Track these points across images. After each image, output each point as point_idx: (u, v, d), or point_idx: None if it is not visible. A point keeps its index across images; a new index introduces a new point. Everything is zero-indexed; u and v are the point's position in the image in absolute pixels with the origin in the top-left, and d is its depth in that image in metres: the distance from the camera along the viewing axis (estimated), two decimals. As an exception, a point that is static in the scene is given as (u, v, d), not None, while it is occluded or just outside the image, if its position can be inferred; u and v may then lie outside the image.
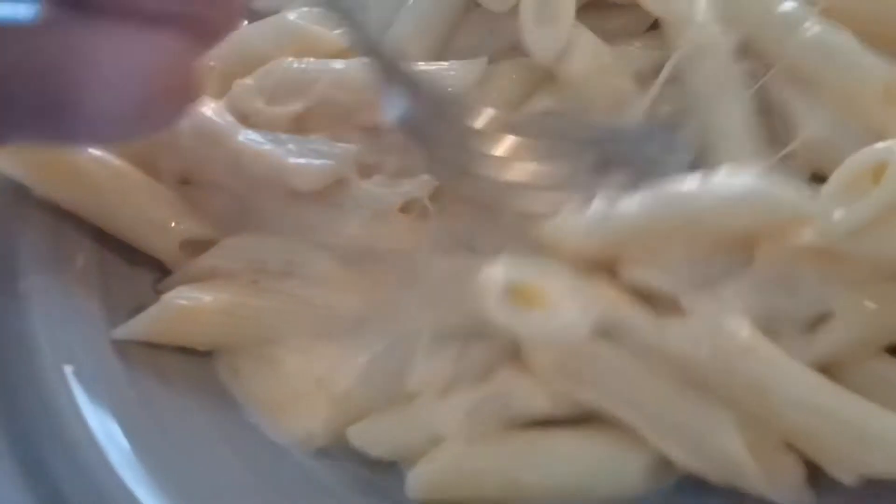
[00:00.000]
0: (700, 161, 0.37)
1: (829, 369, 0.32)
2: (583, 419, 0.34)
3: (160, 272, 0.39)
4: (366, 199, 0.38)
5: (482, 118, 0.38)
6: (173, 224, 0.38)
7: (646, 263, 0.34)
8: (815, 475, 0.32)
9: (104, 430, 0.33)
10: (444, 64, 0.41)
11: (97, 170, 0.38)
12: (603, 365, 0.33)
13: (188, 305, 0.37)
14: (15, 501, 0.31)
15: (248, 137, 0.38)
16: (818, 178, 0.35)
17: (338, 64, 0.40)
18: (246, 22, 0.43)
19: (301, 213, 0.38)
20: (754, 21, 0.39)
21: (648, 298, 0.34)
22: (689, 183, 0.33)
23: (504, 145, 0.38)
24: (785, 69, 0.39)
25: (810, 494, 0.32)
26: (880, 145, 0.32)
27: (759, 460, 0.31)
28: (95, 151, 0.38)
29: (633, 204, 0.34)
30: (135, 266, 0.39)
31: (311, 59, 0.41)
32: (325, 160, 0.38)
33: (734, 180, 0.33)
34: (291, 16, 0.43)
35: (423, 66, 0.41)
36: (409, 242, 0.38)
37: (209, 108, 0.38)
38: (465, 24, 0.43)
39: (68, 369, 0.35)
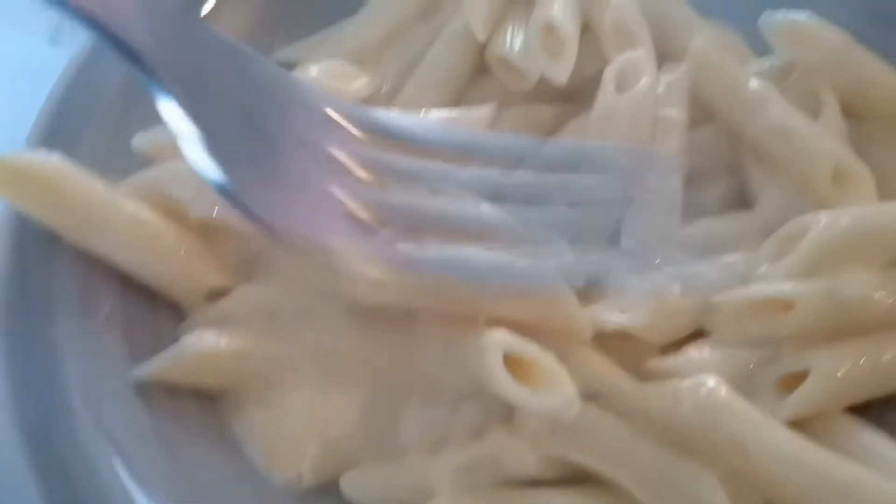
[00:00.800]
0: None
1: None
2: (574, 480, 0.36)
3: (180, 317, 0.41)
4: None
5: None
6: (198, 275, 0.41)
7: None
8: None
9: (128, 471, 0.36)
10: (455, 111, 0.44)
11: (128, 219, 0.40)
12: (591, 427, 0.35)
13: (205, 348, 0.39)
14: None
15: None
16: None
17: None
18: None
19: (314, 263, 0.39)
20: (721, 98, 0.44)
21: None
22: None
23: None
24: (749, 143, 0.43)
25: None
26: (806, 216, 0.37)
27: None
28: (127, 203, 0.40)
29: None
30: (156, 311, 0.41)
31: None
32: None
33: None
34: (313, 70, 0.45)
35: (435, 112, 0.43)
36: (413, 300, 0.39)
37: None
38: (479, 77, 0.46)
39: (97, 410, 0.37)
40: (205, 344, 0.39)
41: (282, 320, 0.40)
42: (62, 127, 0.44)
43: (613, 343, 0.38)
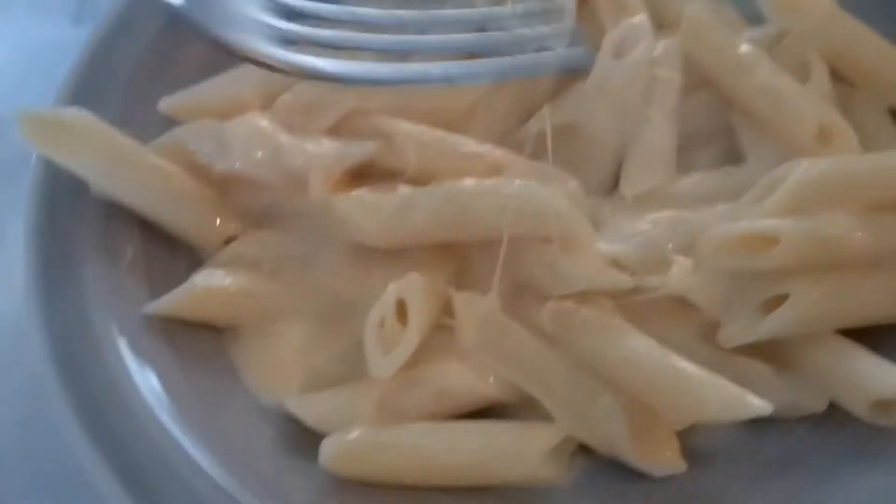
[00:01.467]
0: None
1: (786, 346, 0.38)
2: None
3: (199, 263, 0.44)
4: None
5: None
6: (215, 222, 0.44)
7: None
8: (709, 455, 0.38)
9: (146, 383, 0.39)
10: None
11: (151, 168, 0.43)
12: (516, 343, 0.38)
13: (211, 286, 0.42)
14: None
15: (289, 138, 0.43)
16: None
17: None
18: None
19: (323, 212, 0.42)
20: (713, 62, 0.46)
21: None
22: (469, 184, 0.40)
23: None
24: (739, 105, 0.45)
25: (682, 465, 0.38)
26: (789, 163, 0.39)
27: (638, 437, 0.37)
28: (150, 155, 0.43)
29: (423, 199, 0.40)
30: (176, 257, 0.44)
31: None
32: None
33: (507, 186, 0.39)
34: None
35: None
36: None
37: (256, 117, 0.44)
38: None
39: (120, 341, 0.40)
40: (213, 281, 0.42)
41: (286, 262, 0.43)
42: (88, 90, 0.46)
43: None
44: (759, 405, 0.35)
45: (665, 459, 0.38)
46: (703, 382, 0.36)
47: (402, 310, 0.38)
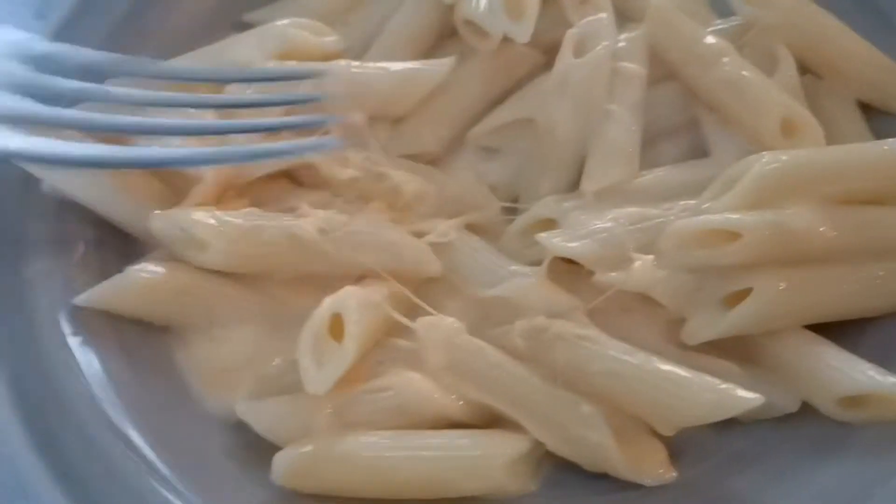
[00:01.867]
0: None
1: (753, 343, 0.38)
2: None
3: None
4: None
5: None
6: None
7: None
8: (676, 453, 0.37)
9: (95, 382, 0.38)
10: (415, 63, 0.45)
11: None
12: (486, 363, 0.37)
13: (146, 278, 0.40)
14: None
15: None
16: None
17: (319, 66, 0.44)
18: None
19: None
20: (678, 54, 0.45)
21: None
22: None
23: None
24: (704, 97, 0.45)
25: (672, 473, 0.37)
26: (750, 157, 0.38)
27: (625, 448, 0.36)
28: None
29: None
30: (129, 250, 0.43)
31: (293, 63, 0.44)
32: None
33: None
34: (278, 23, 0.46)
35: (397, 65, 0.45)
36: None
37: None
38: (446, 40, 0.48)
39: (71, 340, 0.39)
40: (147, 273, 0.40)
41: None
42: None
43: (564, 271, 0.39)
44: (750, 398, 0.34)
45: (654, 468, 0.37)
46: (691, 384, 0.36)
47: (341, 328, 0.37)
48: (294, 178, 0.44)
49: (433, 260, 0.40)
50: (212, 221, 0.39)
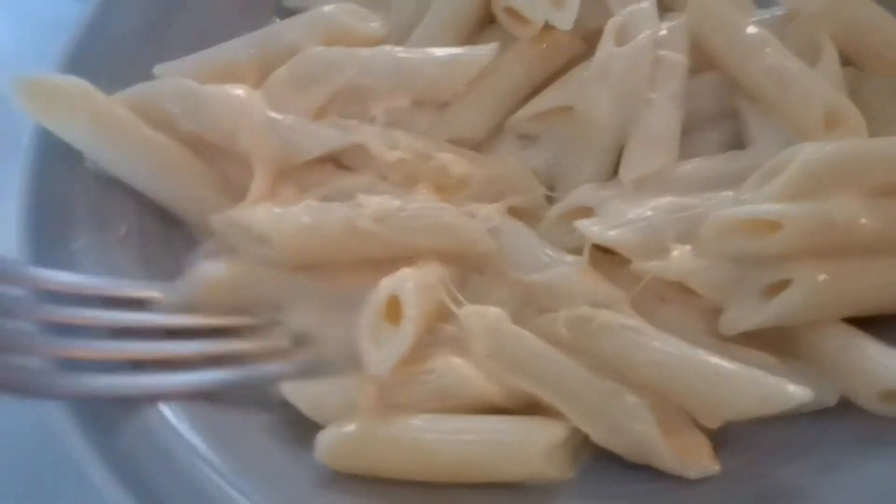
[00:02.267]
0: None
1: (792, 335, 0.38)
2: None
3: (190, 238, 0.44)
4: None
5: None
6: (209, 197, 0.43)
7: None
8: (717, 445, 0.37)
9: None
10: (458, 49, 0.45)
11: (145, 140, 0.42)
12: (529, 352, 0.37)
13: (210, 278, 0.40)
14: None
15: (273, 116, 0.43)
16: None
17: (364, 51, 0.44)
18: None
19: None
20: (720, 43, 0.45)
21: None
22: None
23: None
24: (746, 87, 0.44)
25: (716, 466, 0.36)
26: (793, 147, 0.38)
27: (669, 439, 0.36)
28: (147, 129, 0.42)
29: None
30: (171, 233, 0.44)
31: (340, 48, 0.45)
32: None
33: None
34: (325, 9, 0.47)
35: (441, 50, 0.45)
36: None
37: (244, 91, 0.43)
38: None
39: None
40: (209, 275, 0.40)
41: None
42: (85, 60, 0.46)
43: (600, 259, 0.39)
44: (799, 393, 0.34)
45: (698, 460, 0.37)
46: (739, 377, 0.35)
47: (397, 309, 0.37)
48: (338, 162, 0.44)
49: (487, 239, 0.40)
50: (272, 218, 0.40)
